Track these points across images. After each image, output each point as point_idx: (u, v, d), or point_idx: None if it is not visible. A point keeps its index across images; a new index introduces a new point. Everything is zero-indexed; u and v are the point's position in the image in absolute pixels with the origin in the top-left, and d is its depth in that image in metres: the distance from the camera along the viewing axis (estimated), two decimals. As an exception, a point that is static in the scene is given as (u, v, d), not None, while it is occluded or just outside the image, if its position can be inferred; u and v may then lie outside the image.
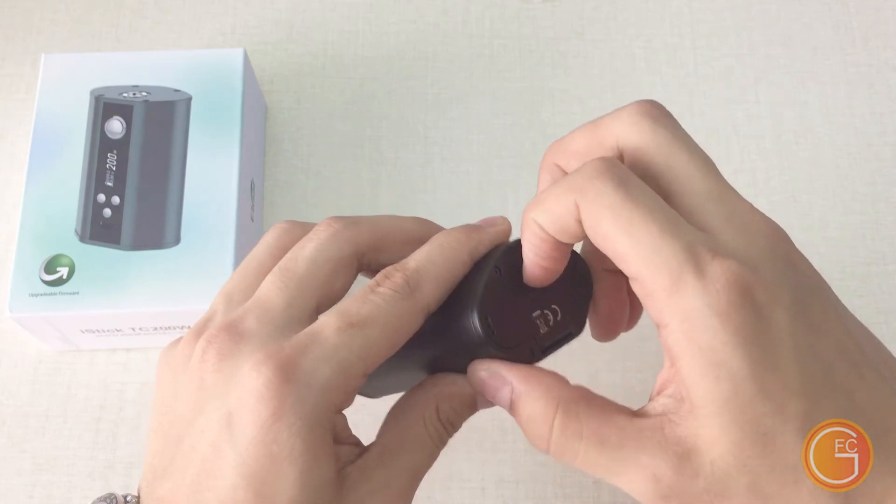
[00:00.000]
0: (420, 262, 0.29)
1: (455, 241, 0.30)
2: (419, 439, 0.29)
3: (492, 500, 0.41)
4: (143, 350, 0.44)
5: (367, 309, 0.28)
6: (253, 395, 0.26)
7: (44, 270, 0.40)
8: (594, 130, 0.29)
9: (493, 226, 0.31)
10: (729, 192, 0.27)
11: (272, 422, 0.25)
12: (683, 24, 0.52)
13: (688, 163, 0.27)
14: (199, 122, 0.43)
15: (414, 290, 0.28)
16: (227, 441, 0.26)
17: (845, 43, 0.52)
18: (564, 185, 0.27)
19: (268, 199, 0.48)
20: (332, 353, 0.27)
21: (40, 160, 0.42)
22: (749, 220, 0.27)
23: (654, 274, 0.25)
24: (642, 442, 0.26)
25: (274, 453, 0.25)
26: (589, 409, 0.27)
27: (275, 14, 0.52)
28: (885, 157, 0.49)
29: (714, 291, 0.24)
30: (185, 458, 0.27)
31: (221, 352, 0.27)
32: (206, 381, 0.27)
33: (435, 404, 0.30)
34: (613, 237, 0.26)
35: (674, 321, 0.25)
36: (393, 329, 0.28)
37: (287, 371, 0.26)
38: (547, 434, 0.27)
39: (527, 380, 0.28)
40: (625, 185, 0.26)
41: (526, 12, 0.53)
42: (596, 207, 0.26)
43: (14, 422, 0.43)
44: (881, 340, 0.29)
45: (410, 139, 0.49)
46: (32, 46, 0.51)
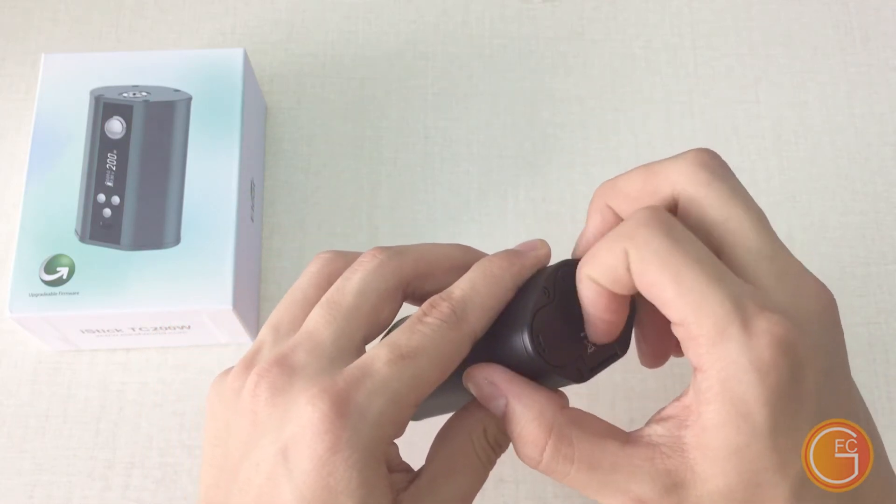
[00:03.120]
0: (465, 291, 0.29)
1: (498, 268, 0.30)
2: (468, 463, 0.30)
3: (492, 500, 0.41)
4: (143, 350, 0.44)
5: (416, 340, 0.28)
6: (309, 430, 0.26)
7: (44, 270, 0.40)
8: (650, 176, 0.29)
9: (534, 250, 0.31)
10: (782, 252, 0.27)
11: (329, 455, 0.26)
12: (683, 24, 0.52)
13: (743, 219, 0.27)
14: (199, 122, 0.43)
15: (461, 320, 0.29)
16: (284, 475, 0.26)
17: (845, 43, 0.52)
18: (613, 236, 0.27)
19: (268, 199, 0.48)
20: (384, 385, 0.27)
21: (40, 160, 0.42)
22: (800, 280, 0.27)
23: (698, 321, 0.25)
24: (632, 470, 0.27)
25: (331, 486, 0.26)
26: (581, 434, 0.28)
27: (275, 14, 0.52)
28: (885, 157, 0.49)
29: (758, 346, 0.25)
30: (241, 491, 0.27)
31: (274, 386, 0.28)
32: (260, 414, 0.28)
33: (482, 426, 0.30)
34: (660, 283, 0.26)
35: (713, 369, 0.25)
36: (442, 358, 0.28)
37: (342, 405, 0.26)
38: (538, 457, 0.28)
39: (521, 398, 0.28)
40: (672, 233, 0.26)
41: (526, 12, 0.53)
42: (644, 253, 0.26)
43: (14, 422, 0.43)
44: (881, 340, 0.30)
45: (410, 139, 0.49)
46: (32, 46, 0.51)
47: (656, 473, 0.26)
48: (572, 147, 0.49)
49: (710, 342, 0.25)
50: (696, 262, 0.26)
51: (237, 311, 0.40)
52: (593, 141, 0.49)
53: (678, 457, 0.26)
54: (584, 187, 0.48)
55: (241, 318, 0.41)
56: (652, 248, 0.26)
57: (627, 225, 0.27)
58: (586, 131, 0.50)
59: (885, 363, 0.44)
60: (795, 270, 0.27)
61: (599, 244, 0.28)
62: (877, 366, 0.44)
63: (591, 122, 0.50)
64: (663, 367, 0.46)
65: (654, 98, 0.50)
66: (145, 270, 0.40)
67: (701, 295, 0.25)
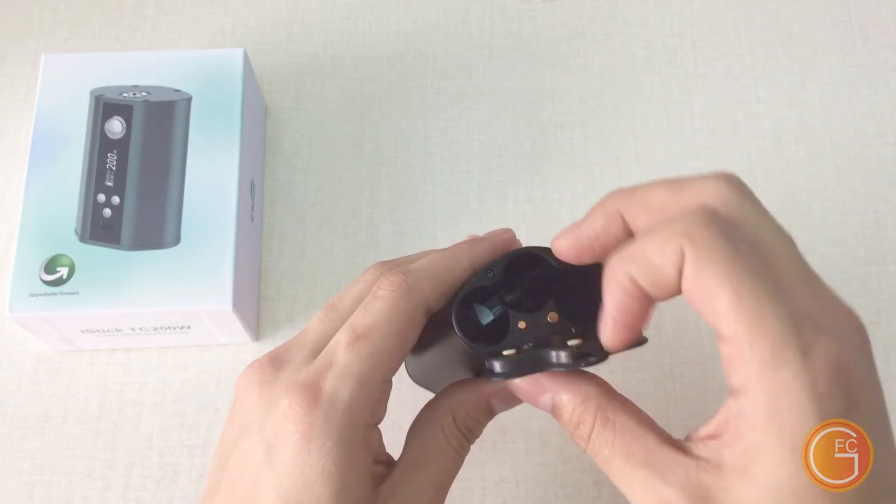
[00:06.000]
0: (421, 264, 0.30)
1: (458, 248, 0.31)
2: (440, 451, 0.30)
3: (492, 500, 0.41)
4: (143, 350, 0.44)
5: (369, 317, 0.29)
6: (285, 420, 0.27)
7: (44, 270, 0.40)
8: (677, 189, 0.27)
9: (497, 237, 0.33)
10: (817, 278, 0.26)
11: (303, 444, 0.27)
12: (683, 24, 0.52)
13: (777, 241, 0.26)
14: (199, 122, 0.43)
15: (412, 288, 0.29)
16: (266, 465, 0.27)
17: (845, 43, 0.52)
18: (666, 233, 0.25)
19: (268, 199, 0.48)
20: (347, 370, 0.28)
21: (40, 160, 0.42)
22: (839, 310, 0.26)
23: (754, 340, 0.24)
24: (665, 471, 0.26)
25: (306, 474, 0.27)
26: (626, 422, 0.28)
27: (275, 14, 0.52)
28: (885, 157, 0.49)
29: (815, 373, 0.23)
30: (230, 478, 0.29)
31: (261, 380, 0.29)
32: (248, 407, 0.29)
33: (451, 413, 0.31)
34: (717, 292, 0.24)
35: (761, 393, 0.24)
36: (397, 330, 0.29)
37: (312, 395, 0.27)
38: (587, 437, 0.28)
39: (566, 387, 0.29)
40: (735, 239, 0.24)
41: (526, 12, 0.53)
42: (706, 256, 0.24)
43: (14, 422, 0.43)
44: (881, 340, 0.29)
45: (410, 139, 0.49)
46: (32, 46, 0.51)
47: (688, 482, 0.25)
48: (572, 147, 0.49)
49: (763, 365, 0.24)
50: (757, 274, 0.24)
51: (237, 311, 0.40)
52: (593, 141, 0.49)
53: (714, 473, 0.25)
54: (584, 187, 0.48)
55: (241, 318, 0.41)
56: (715, 251, 0.24)
57: (684, 223, 0.25)
58: (586, 131, 0.50)
59: (885, 363, 0.44)
60: (830, 295, 0.26)
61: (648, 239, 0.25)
62: (877, 366, 0.44)
63: (591, 122, 0.50)
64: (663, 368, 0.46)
65: (654, 98, 0.50)
66: (145, 270, 0.40)
67: (758, 311, 0.24)
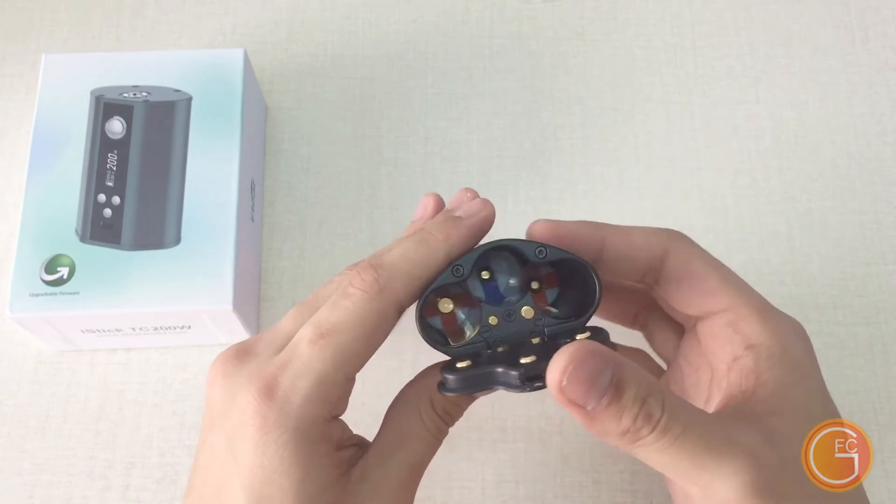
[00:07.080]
0: (394, 260, 0.30)
1: (434, 240, 0.30)
2: (416, 433, 0.30)
3: (492, 500, 0.41)
4: (143, 350, 0.44)
5: (336, 315, 0.29)
6: (244, 413, 0.27)
7: (44, 270, 0.40)
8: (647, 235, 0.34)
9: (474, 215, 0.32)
10: None
11: (260, 436, 0.27)
12: (683, 24, 0.52)
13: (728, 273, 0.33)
14: (199, 122, 0.43)
15: (384, 289, 0.29)
16: (230, 459, 0.28)
17: (845, 43, 0.52)
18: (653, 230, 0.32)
19: (268, 199, 0.48)
20: (307, 366, 0.28)
21: (40, 160, 0.42)
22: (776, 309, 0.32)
23: (746, 302, 0.31)
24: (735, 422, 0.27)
25: (265, 465, 0.27)
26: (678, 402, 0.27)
27: (275, 14, 0.52)
28: (885, 157, 0.49)
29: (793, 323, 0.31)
30: (201, 473, 0.29)
31: (224, 371, 0.29)
32: (213, 399, 0.29)
33: (428, 396, 0.30)
34: (705, 274, 0.31)
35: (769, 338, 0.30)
36: (365, 331, 0.29)
37: (268, 389, 0.28)
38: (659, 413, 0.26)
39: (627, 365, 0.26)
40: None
41: (526, 12, 0.53)
42: (689, 250, 0.32)
43: (14, 422, 0.43)
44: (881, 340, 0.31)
45: (410, 139, 0.49)
46: (32, 46, 0.51)
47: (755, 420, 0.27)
48: (572, 147, 0.49)
49: (762, 318, 0.30)
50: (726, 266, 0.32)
51: (237, 311, 0.40)
52: (593, 141, 0.49)
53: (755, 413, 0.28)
54: (584, 187, 0.48)
55: (242, 318, 0.41)
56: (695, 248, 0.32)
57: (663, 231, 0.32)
58: (586, 131, 0.50)
59: (885, 363, 0.44)
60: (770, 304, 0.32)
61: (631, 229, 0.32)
62: (877, 366, 0.44)
63: (591, 122, 0.50)
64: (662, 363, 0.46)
65: (654, 98, 0.50)
66: (145, 270, 0.40)
67: (741, 285, 0.31)
